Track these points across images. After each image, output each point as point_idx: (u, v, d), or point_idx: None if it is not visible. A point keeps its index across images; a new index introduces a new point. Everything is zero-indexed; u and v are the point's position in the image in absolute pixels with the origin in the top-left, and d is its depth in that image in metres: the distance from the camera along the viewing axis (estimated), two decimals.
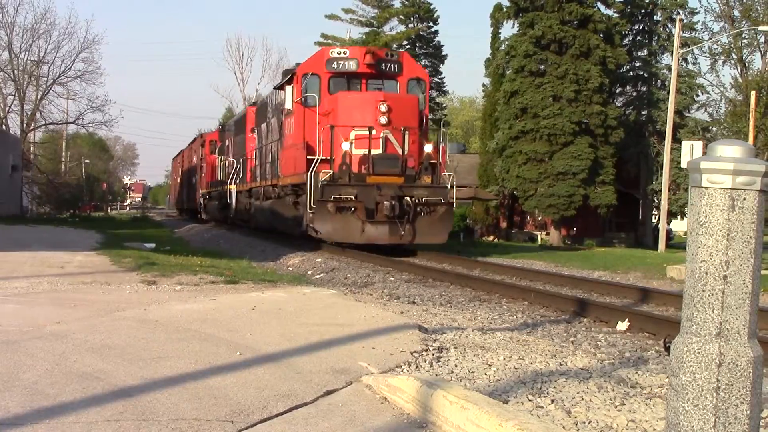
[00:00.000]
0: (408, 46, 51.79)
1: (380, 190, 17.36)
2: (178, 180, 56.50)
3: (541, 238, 44.04)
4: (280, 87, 21.31)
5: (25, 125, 44.93)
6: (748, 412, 3.10)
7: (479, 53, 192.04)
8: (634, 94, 46.57)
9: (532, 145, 38.15)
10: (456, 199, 18.97)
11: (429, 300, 10.64)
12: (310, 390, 4.65)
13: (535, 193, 38.36)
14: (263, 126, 24.73)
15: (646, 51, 46.30)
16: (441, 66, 53.87)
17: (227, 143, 33.08)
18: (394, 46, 48.41)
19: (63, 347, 5.59)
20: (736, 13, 40.72)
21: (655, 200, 43.76)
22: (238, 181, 29.00)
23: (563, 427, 4.07)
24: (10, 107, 45.29)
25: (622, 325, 8.70)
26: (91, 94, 46.34)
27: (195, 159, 44.24)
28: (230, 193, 30.04)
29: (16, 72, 44.26)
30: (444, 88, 55.58)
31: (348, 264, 16.35)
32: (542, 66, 39.97)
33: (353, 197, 17.37)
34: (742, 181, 3.08)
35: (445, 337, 6.55)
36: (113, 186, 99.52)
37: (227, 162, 32.07)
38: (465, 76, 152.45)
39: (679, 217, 45.73)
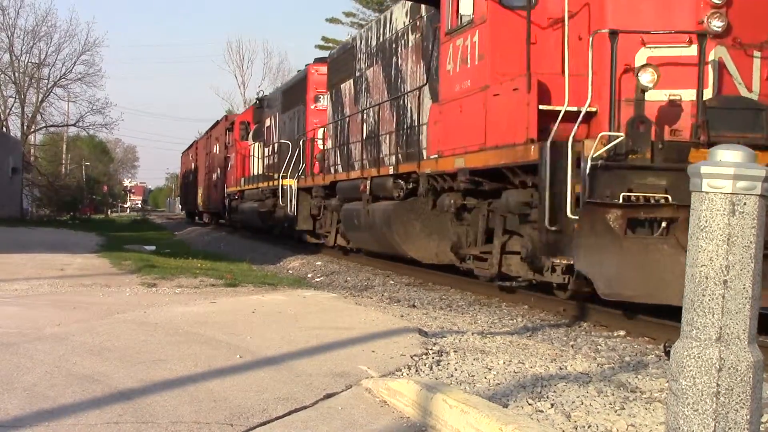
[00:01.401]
0: None
1: None
2: (190, 177, 48.00)
3: None
4: None
5: (25, 127, 45.02)
6: (748, 416, 3.10)
7: None
8: None
9: None
10: None
11: (429, 303, 10.62)
12: (309, 393, 4.64)
13: None
14: (346, 86, 16.48)
15: None
16: None
17: (268, 123, 24.66)
18: None
19: (63, 349, 5.58)
20: None
21: None
22: (300, 173, 19.93)
23: (562, 431, 4.07)
24: (10, 109, 45.41)
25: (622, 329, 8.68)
26: (91, 96, 46.55)
27: (216, 149, 35.30)
28: (283, 191, 20.83)
29: (16, 74, 44.39)
30: None
31: (348, 267, 16.33)
32: None
33: (664, 197, 7.61)
34: (742, 186, 3.08)
35: (445, 341, 6.55)
36: (113, 188, 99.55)
37: (272, 147, 23.39)
38: None
39: None
